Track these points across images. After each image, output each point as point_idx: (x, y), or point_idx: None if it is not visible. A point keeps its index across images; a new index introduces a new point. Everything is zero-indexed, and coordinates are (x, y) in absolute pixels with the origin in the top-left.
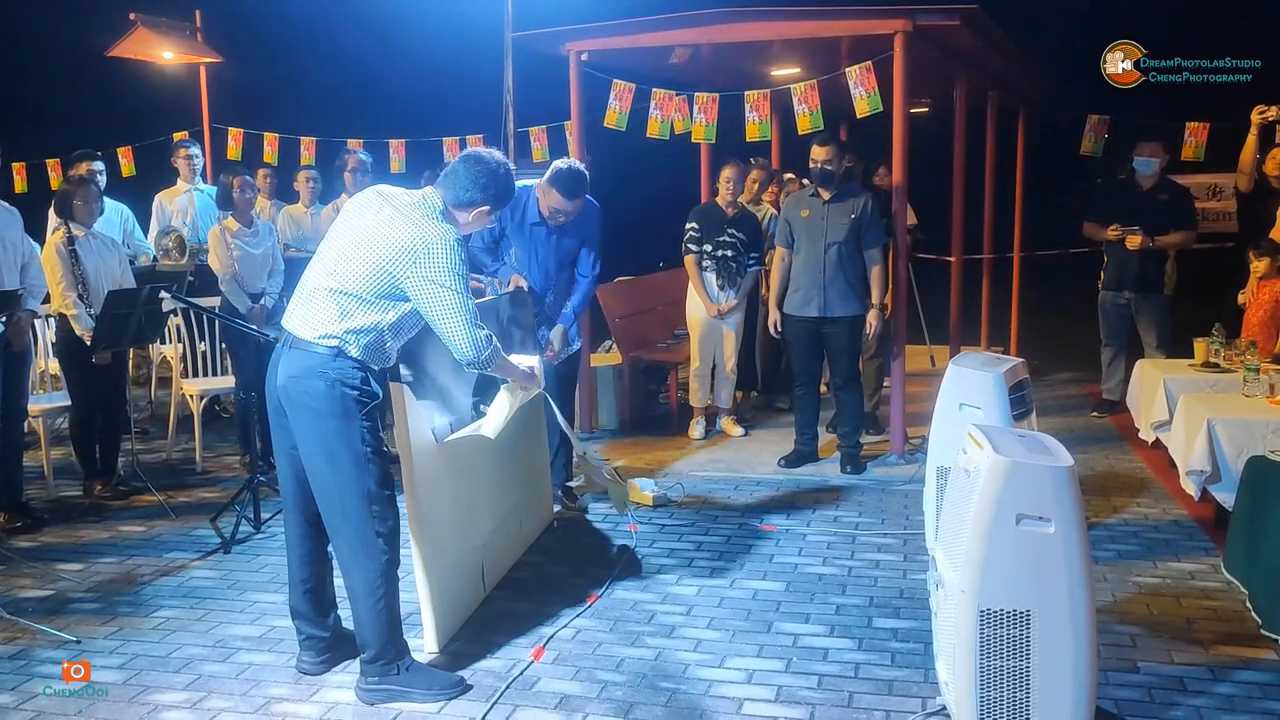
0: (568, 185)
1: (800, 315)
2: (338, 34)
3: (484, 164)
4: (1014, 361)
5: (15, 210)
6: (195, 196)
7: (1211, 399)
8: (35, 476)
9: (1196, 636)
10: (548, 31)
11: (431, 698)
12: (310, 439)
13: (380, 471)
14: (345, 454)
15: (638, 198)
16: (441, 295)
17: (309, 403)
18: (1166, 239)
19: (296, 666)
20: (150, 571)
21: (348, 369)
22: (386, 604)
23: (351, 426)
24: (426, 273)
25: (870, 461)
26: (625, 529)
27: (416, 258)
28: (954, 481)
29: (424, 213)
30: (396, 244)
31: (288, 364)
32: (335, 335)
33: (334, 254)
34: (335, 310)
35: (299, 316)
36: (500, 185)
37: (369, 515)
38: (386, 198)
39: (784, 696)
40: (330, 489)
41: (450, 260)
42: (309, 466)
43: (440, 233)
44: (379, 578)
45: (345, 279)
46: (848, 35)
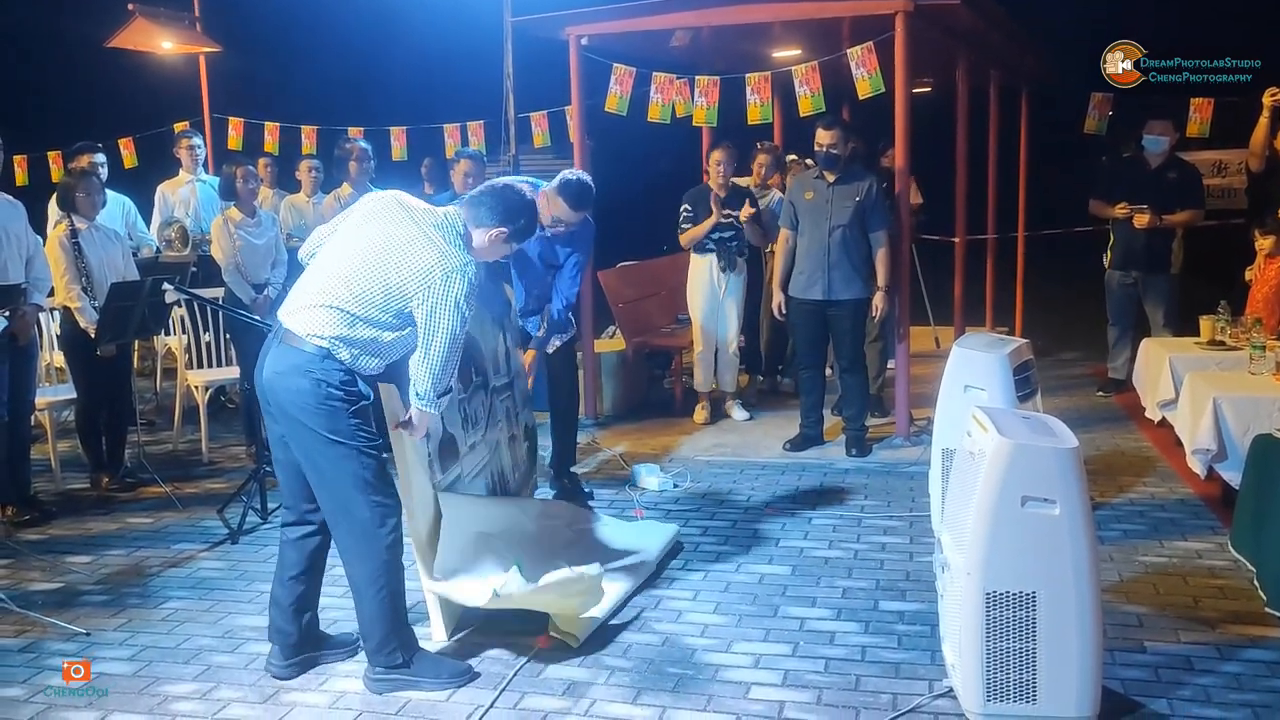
0: (575, 196)
1: (804, 298)
2: (336, 22)
3: (516, 193)
4: (1018, 342)
5: (19, 203)
6: (197, 187)
7: (1217, 377)
8: (42, 470)
9: (1203, 615)
10: (547, 16)
11: (439, 686)
12: (301, 435)
13: (376, 462)
14: (338, 446)
15: (639, 182)
16: (441, 326)
17: (295, 399)
18: (1174, 217)
19: (266, 668)
20: (158, 563)
21: (332, 370)
22: (390, 593)
23: (340, 420)
24: (438, 300)
25: (875, 444)
26: (631, 514)
27: (432, 282)
28: (959, 464)
29: (446, 236)
30: (416, 265)
31: (275, 359)
32: (325, 338)
33: (348, 263)
34: (336, 318)
35: (296, 310)
36: (526, 217)
37: (369, 504)
38: (410, 212)
39: (791, 680)
40: (327, 481)
41: (462, 292)
42: (304, 462)
43: (460, 263)
44: (381, 568)
45: (356, 292)
46: (848, 16)
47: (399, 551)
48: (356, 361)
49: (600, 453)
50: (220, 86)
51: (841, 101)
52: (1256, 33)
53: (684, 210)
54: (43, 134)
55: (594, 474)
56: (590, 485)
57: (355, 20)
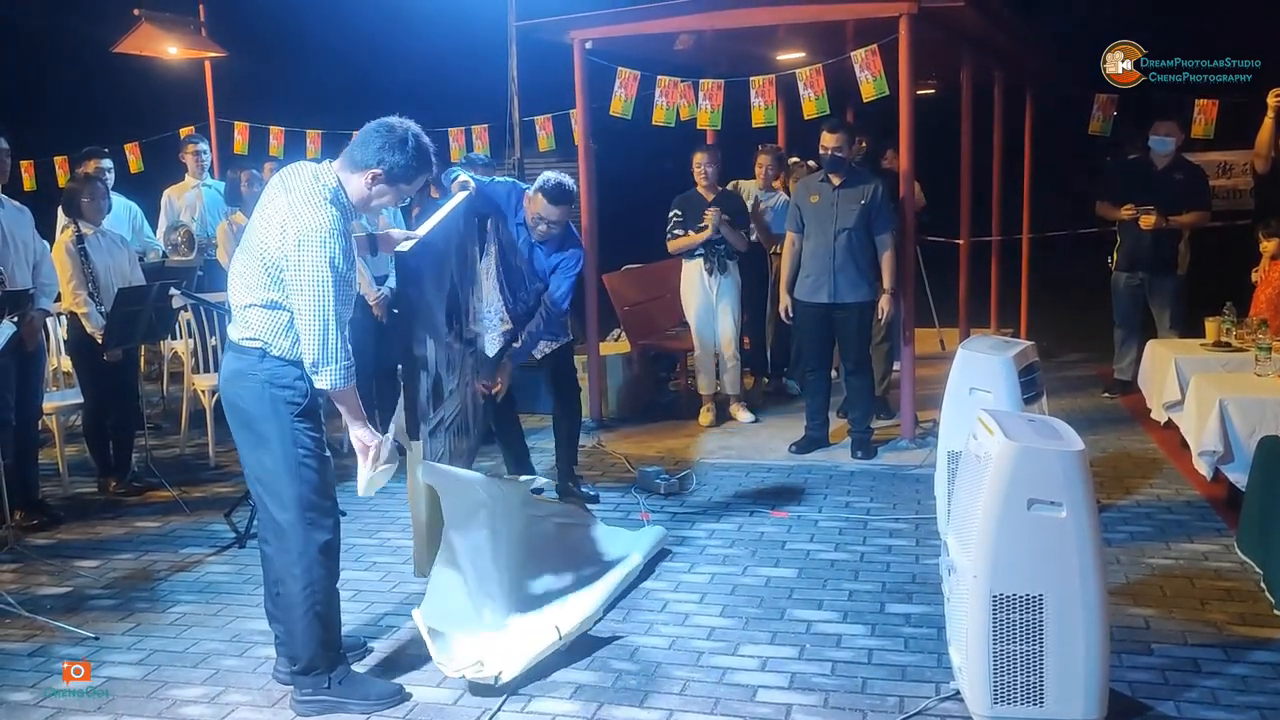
0: (553, 192)
1: (810, 301)
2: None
3: (389, 127)
4: (1023, 345)
5: (26, 209)
6: (203, 192)
7: (1223, 378)
8: (50, 474)
9: (1210, 617)
10: (552, 20)
11: (367, 708)
12: (245, 442)
13: (318, 478)
14: (279, 458)
15: (644, 186)
16: (306, 291)
17: (240, 404)
18: (1181, 218)
19: (273, 674)
20: (166, 567)
21: (276, 368)
22: (319, 614)
23: (284, 428)
24: (298, 266)
25: (881, 446)
26: (638, 517)
27: (288, 251)
28: (965, 467)
29: (309, 196)
30: (281, 236)
31: (225, 366)
32: (257, 338)
33: (241, 259)
34: (255, 315)
35: (231, 318)
36: (403, 154)
37: (303, 522)
38: (284, 181)
39: (798, 683)
40: (265, 493)
41: (323, 257)
42: (247, 471)
43: (319, 220)
44: (314, 587)
45: (251, 283)
46: (852, 19)
47: (331, 568)
48: (296, 347)
49: (605, 455)
50: (225, 91)
51: (845, 104)
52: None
53: (674, 216)
54: (49, 139)
55: (600, 477)
56: (596, 488)
57: (360, 24)
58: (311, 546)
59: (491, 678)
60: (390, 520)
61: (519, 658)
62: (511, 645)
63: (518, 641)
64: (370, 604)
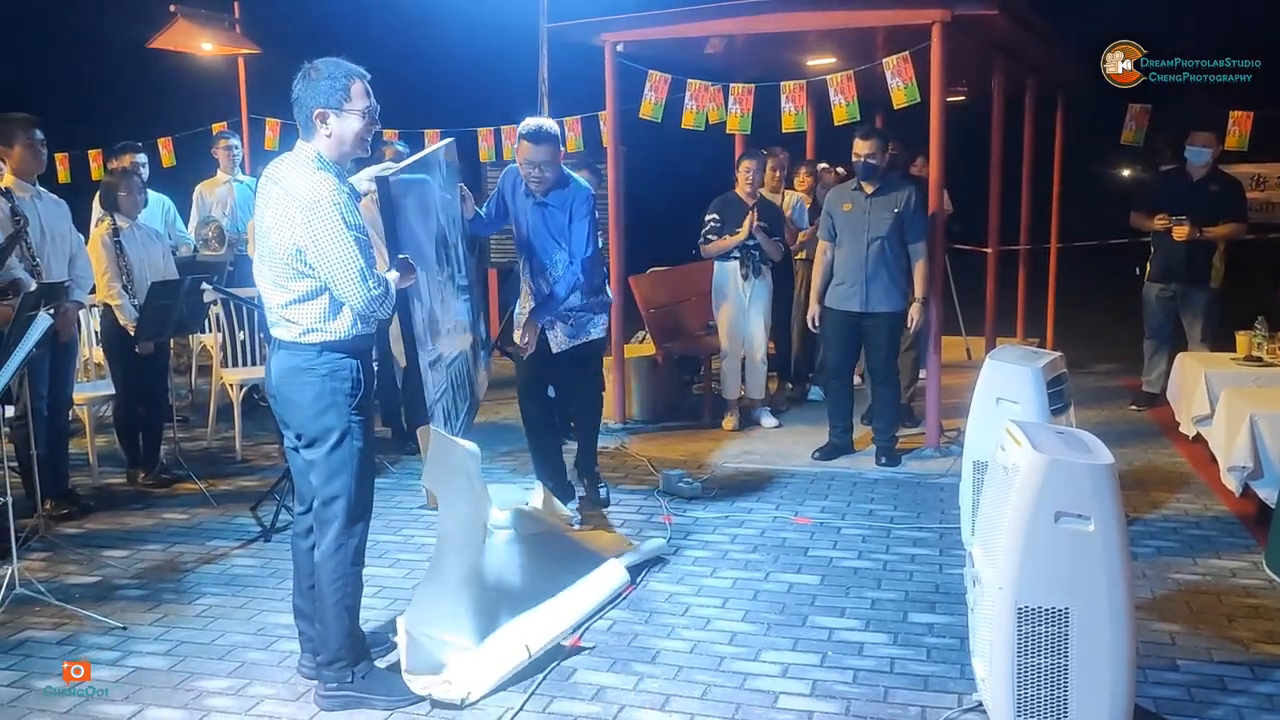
0: (532, 131)
1: (841, 309)
2: (373, 25)
3: (295, 81)
4: (1052, 355)
5: (63, 202)
6: (235, 187)
7: (1254, 393)
8: (81, 464)
9: (1237, 635)
10: (583, 22)
11: (389, 705)
12: (300, 436)
13: (367, 474)
14: (336, 451)
15: (672, 188)
16: (331, 254)
17: (297, 399)
18: (1215, 230)
19: (297, 669)
20: (193, 559)
21: (336, 361)
22: (349, 606)
23: (343, 421)
24: (314, 237)
25: (905, 455)
26: (659, 520)
27: (299, 230)
28: (992, 478)
29: (298, 172)
30: (287, 221)
31: (276, 365)
32: (311, 329)
33: (262, 263)
34: (296, 310)
35: (273, 322)
36: (317, 79)
37: (347, 515)
38: (269, 177)
39: (819, 691)
40: (320, 485)
41: (334, 215)
42: (295, 465)
43: (316, 187)
44: (346, 577)
45: (279, 279)
46: (884, 25)
47: (361, 563)
48: (352, 328)
49: (628, 458)
50: (258, 87)
51: (875, 110)
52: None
53: (711, 220)
54: (83, 132)
55: (623, 479)
56: (618, 491)
57: (392, 24)
58: (351, 539)
59: (459, 698)
60: (414, 518)
61: (487, 678)
62: (482, 664)
63: (488, 661)
64: (393, 600)
